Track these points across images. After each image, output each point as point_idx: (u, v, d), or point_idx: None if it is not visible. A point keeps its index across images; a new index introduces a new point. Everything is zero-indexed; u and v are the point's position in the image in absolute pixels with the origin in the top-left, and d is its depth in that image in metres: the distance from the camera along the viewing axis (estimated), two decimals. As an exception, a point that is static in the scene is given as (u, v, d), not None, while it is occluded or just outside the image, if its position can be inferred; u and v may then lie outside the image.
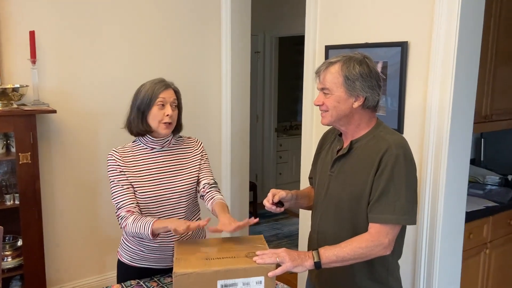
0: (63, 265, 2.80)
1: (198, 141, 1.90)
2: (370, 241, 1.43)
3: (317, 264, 1.42)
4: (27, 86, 2.46)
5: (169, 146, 1.81)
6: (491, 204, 2.49)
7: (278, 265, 1.42)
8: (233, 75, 3.25)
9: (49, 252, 2.69)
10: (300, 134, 5.58)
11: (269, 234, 4.30)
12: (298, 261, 1.41)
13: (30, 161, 2.41)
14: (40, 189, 2.49)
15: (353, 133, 1.58)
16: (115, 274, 1.90)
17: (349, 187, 1.54)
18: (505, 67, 2.77)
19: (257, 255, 1.45)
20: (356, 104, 1.52)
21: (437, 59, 1.90)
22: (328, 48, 2.40)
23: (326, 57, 2.41)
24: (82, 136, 2.81)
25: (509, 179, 2.89)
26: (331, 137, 1.73)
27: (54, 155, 2.72)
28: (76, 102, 2.76)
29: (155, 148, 1.78)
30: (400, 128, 2.10)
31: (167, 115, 1.69)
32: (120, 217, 1.69)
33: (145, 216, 1.70)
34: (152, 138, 1.76)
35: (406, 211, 1.44)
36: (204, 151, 1.88)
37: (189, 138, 1.90)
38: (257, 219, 1.62)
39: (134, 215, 1.66)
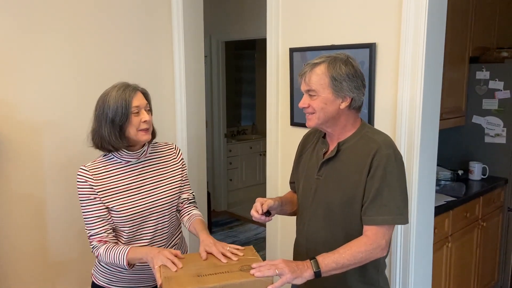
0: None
1: (176, 148, 1.76)
2: (369, 244, 1.40)
3: (317, 274, 1.37)
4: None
5: (146, 156, 1.65)
6: (450, 198, 2.60)
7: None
8: (188, 80, 3.11)
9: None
10: (247, 139, 5.66)
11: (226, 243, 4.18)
12: (298, 272, 1.35)
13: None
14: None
15: (339, 134, 1.55)
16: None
17: (340, 190, 1.50)
18: (450, 68, 2.93)
19: (253, 268, 1.36)
20: (343, 105, 1.49)
21: (407, 60, 1.93)
22: (292, 51, 2.37)
23: (291, 59, 2.38)
24: (23, 150, 2.52)
25: (460, 174, 3.05)
26: (313, 139, 1.69)
27: (-8, 172, 2.42)
28: (15, 111, 2.47)
29: (131, 161, 1.61)
30: (370, 129, 2.10)
31: (144, 121, 1.55)
32: (92, 246, 1.57)
33: (118, 243, 1.58)
34: (127, 152, 1.59)
35: (401, 210, 1.43)
36: (183, 159, 1.75)
37: (166, 143, 1.75)
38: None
39: (105, 245, 1.54)
